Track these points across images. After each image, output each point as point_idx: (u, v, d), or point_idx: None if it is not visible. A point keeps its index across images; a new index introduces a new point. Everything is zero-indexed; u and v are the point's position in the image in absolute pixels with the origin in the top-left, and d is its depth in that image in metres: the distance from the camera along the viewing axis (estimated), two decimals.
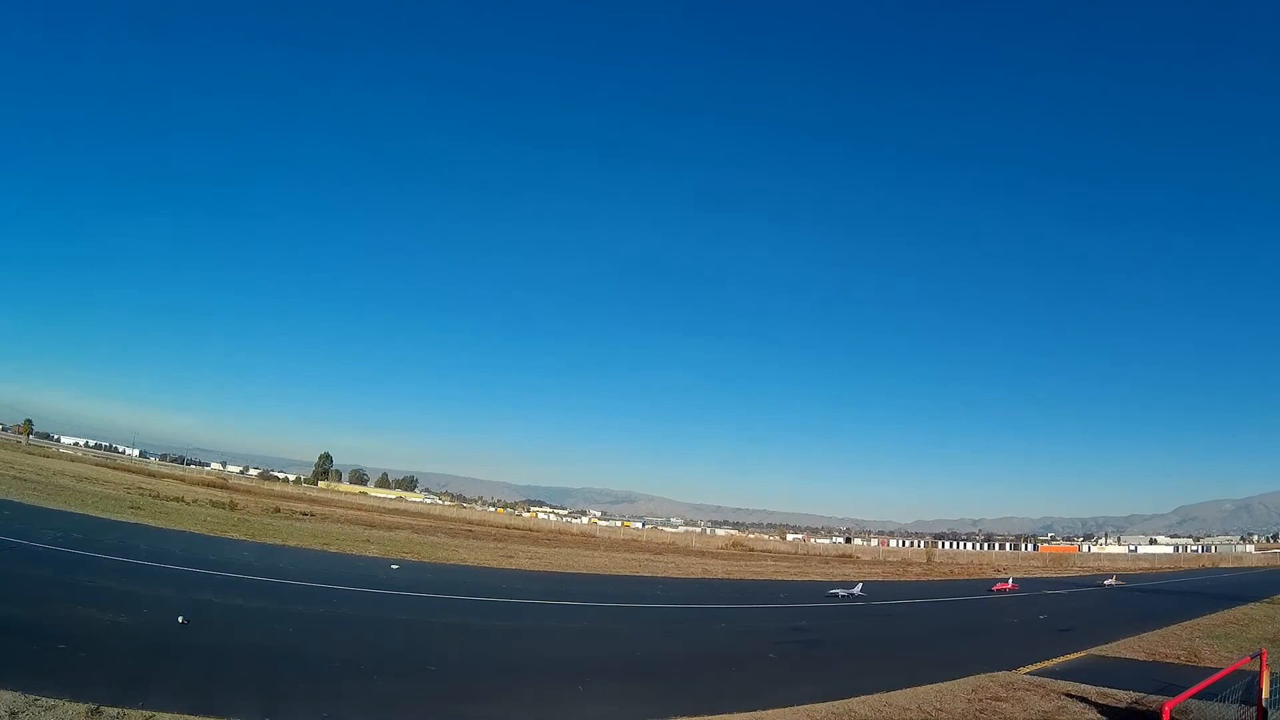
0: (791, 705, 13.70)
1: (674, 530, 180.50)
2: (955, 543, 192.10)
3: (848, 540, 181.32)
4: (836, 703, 13.89)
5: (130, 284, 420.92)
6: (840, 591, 38.94)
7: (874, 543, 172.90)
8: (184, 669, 12.58)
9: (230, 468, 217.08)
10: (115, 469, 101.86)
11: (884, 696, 14.69)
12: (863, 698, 14.38)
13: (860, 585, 40.82)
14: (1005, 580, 53.10)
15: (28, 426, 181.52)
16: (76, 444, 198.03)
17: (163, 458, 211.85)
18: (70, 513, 36.02)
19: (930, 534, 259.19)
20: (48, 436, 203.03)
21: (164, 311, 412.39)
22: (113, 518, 37.05)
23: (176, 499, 57.70)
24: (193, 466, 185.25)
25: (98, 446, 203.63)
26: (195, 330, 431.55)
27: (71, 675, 11.15)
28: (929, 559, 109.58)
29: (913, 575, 67.25)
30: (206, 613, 17.20)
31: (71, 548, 24.97)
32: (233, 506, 59.00)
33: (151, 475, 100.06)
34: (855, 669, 18.71)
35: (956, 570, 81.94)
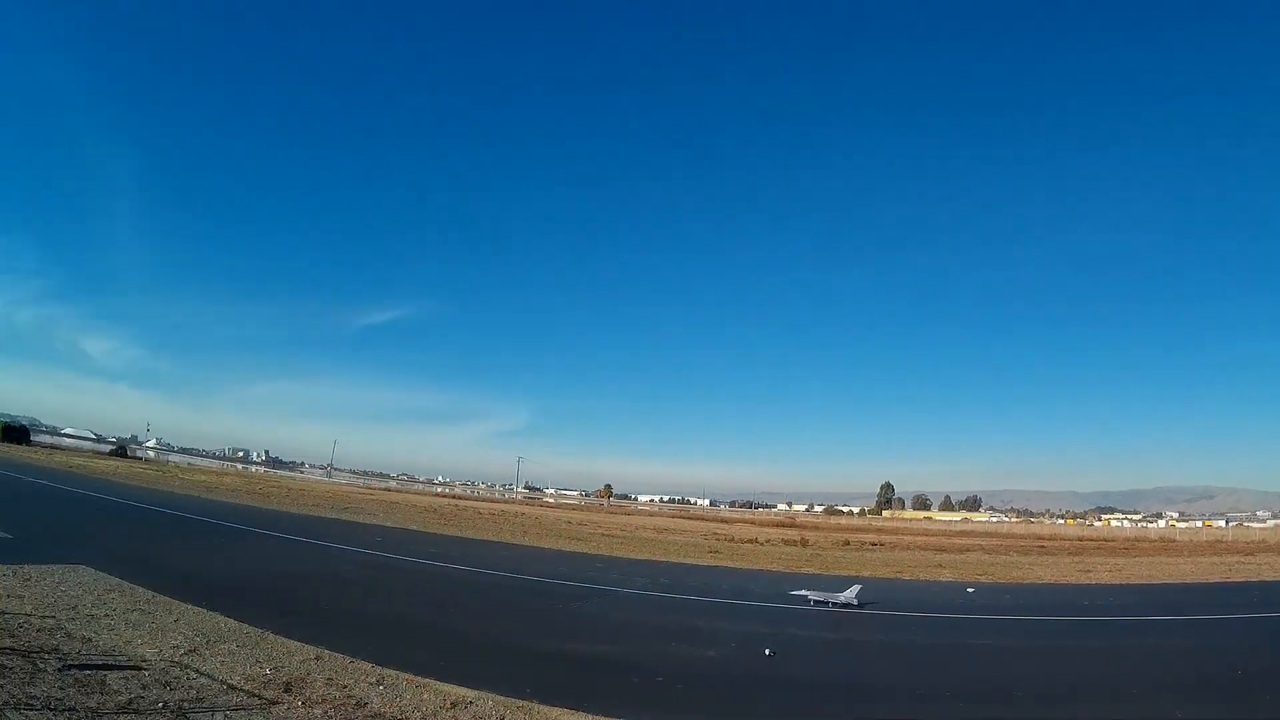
0: None
1: (1262, 525, 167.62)
2: None
3: None
4: None
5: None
6: None
7: None
8: (770, 698, 14.24)
9: (796, 506, 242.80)
10: (690, 519, 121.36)
11: None
12: None
13: None
14: None
15: (608, 491, 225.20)
16: (651, 500, 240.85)
17: (731, 504, 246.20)
18: (655, 561, 42.00)
19: None
20: (625, 496, 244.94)
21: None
22: (694, 562, 42.55)
23: (750, 541, 66.22)
24: (760, 510, 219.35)
25: (670, 500, 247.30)
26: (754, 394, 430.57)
27: (672, 705, 13.25)
28: None
29: None
30: (790, 645, 19.15)
31: (660, 591, 28.99)
32: (804, 544, 66.10)
33: (724, 521, 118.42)
34: None
35: None
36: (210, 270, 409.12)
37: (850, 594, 26.59)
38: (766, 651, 17.87)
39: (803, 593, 26.94)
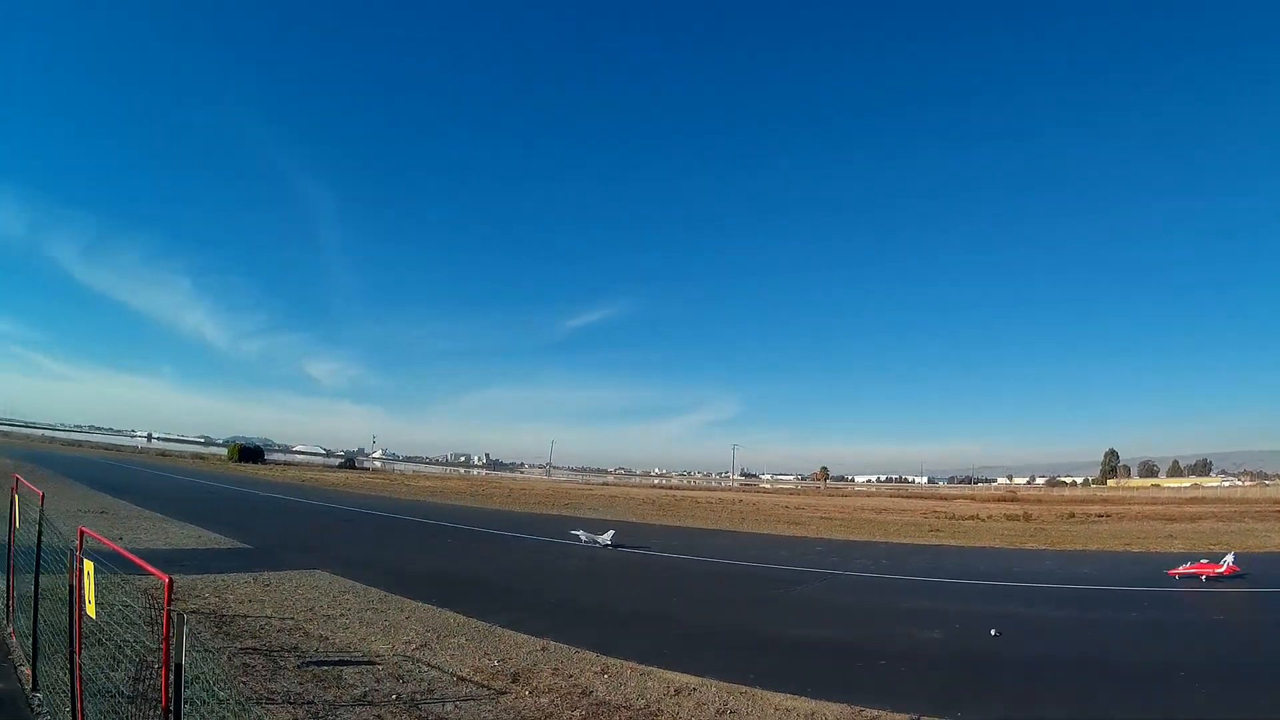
0: None
1: None
2: None
3: None
4: None
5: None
6: None
7: None
8: (997, 681, 13.51)
9: (1016, 480, 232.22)
10: (908, 497, 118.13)
11: None
12: None
13: None
14: None
15: (824, 473, 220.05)
16: (868, 480, 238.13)
17: (949, 480, 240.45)
18: (875, 542, 41.54)
19: None
20: (842, 479, 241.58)
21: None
22: (914, 542, 41.77)
23: (971, 517, 64.44)
24: (980, 485, 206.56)
25: (887, 480, 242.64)
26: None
27: (894, 689, 12.71)
28: None
29: None
30: (1016, 624, 18.38)
31: (880, 573, 28.45)
32: (1027, 518, 64.87)
33: (943, 499, 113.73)
34: None
35: None
36: (419, 290, 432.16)
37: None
38: (992, 632, 17.09)
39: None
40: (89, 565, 7.38)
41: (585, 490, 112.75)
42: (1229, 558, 26.26)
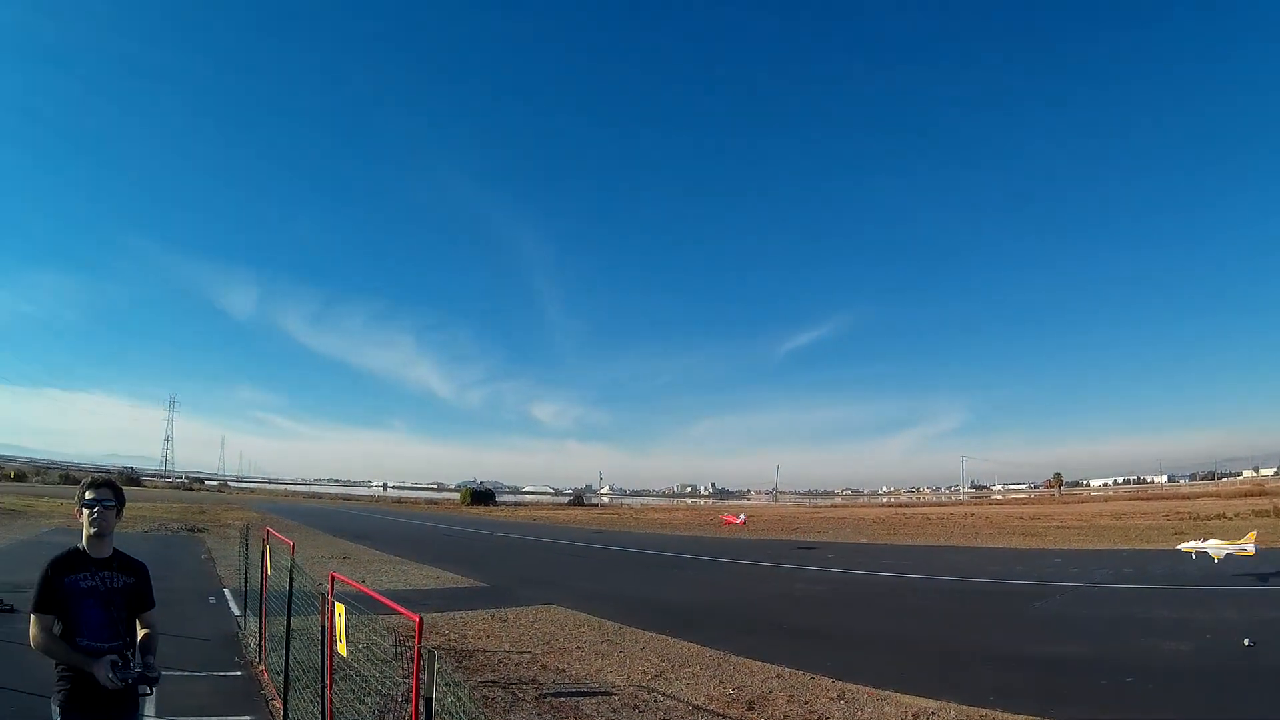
0: None
1: None
2: None
3: None
4: None
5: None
6: None
7: None
8: (1256, 697, 12.50)
9: (1264, 471, 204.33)
10: (1147, 499, 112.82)
11: None
12: None
13: None
14: None
15: (1058, 480, 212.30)
16: (1104, 484, 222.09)
17: (1191, 477, 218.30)
18: (1115, 549, 39.87)
19: None
20: (1076, 484, 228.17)
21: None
22: (1157, 547, 39.65)
23: (1216, 516, 60.67)
24: (1224, 480, 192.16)
25: (1123, 482, 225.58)
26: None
27: (1144, 707, 12.17)
28: None
29: None
30: (1273, 632, 16.98)
31: (1122, 582, 27.20)
32: (1278, 513, 60.90)
33: (1185, 498, 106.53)
34: None
35: None
36: (636, 327, 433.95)
37: None
38: (1246, 642, 15.79)
39: None
40: (340, 607, 7.92)
41: (813, 513, 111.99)
42: None
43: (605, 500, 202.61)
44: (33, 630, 4.96)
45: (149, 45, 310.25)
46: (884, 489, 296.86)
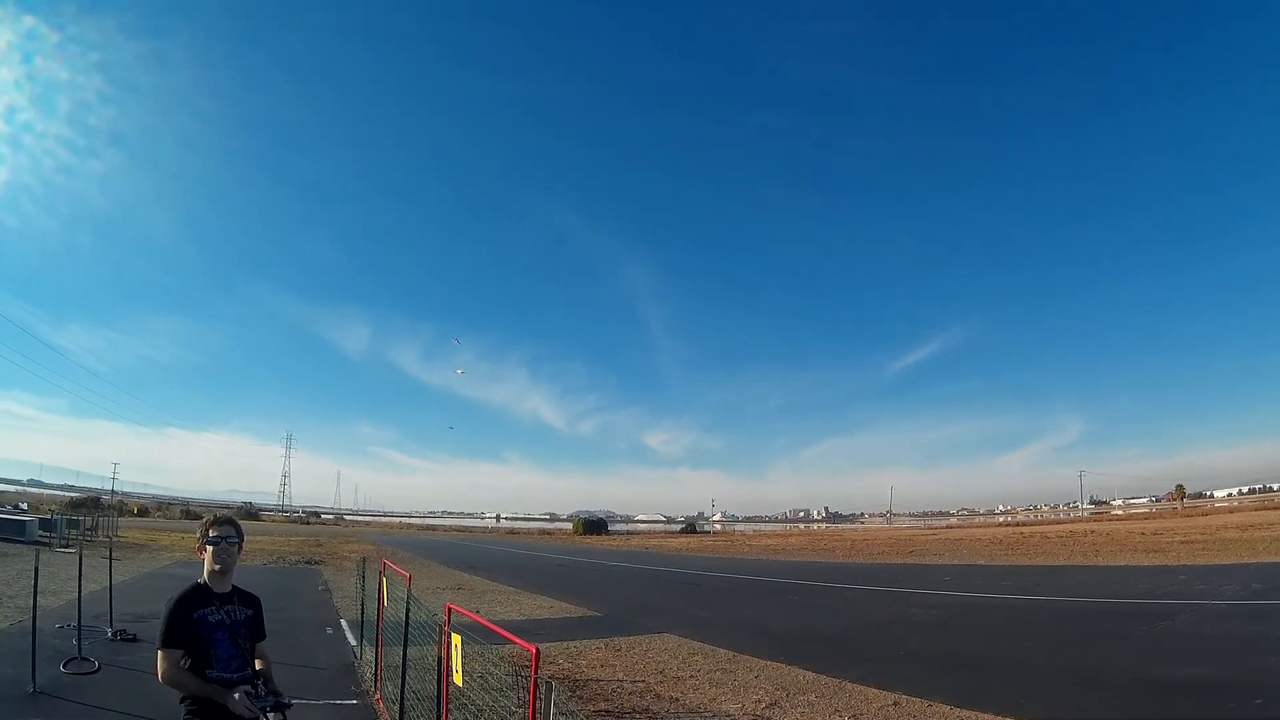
0: None
1: None
2: None
3: None
4: None
5: None
6: None
7: None
8: None
9: None
10: (1275, 508, 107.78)
11: None
12: None
13: None
14: None
15: (1181, 492, 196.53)
16: (1229, 494, 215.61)
17: None
18: (1243, 564, 37.43)
19: None
20: (1200, 495, 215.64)
21: None
22: None
23: None
24: None
25: (1251, 491, 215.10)
26: None
27: None
28: None
29: None
30: None
31: (1253, 599, 25.77)
32: None
33: None
34: None
35: None
36: (746, 353, 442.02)
37: None
38: None
39: None
40: (456, 638, 8.14)
41: (929, 535, 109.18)
42: None
43: (717, 527, 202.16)
44: (161, 665, 5.21)
45: (267, 97, 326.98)
46: (1000, 508, 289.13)
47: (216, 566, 5.64)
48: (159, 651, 5.22)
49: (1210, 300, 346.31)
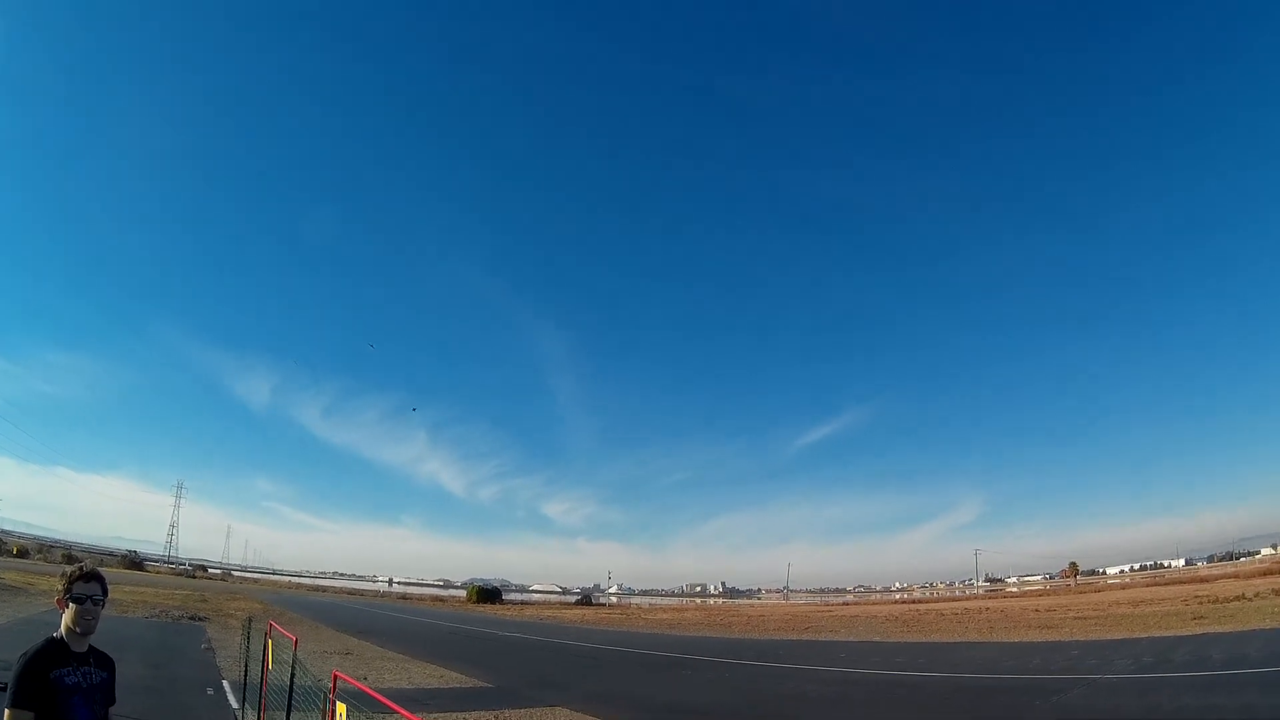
0: None
1: None
2: None
3: None
4: None
5: None
6: None
7: None
8: None
9: None
10: (1165, 584, 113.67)
11: None
12: None
13: None
14: None
15: (1074, 569, 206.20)
16: (1120, 571, 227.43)
17: (1210, 559, 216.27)
18: (1134, 638, 38.61)
19: None
20: (1093, 572, 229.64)
21: None
22: (1175, 633, 39.16)
23: (1236, 598, 59.98)
24: (1243, 559, 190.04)
25: (1141, 568, 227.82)
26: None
27: None
28: None
29: None
30: None
31: (1143, 671, 26.43)
32: None
33: (1202, 580, 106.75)
34: None
35: None
36: (650, 426, 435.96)
37: None
38: None
39: None
40: (341, 706, 7.82)
41: (825, 611, 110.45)
42: None
43: (613, 599, 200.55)
44: None
45: (181, 130, 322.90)
46: (897, 584, 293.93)
47: (78, 629, 5.15)
48: (7, 711, 4.88)
49: (1102, 384, 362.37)
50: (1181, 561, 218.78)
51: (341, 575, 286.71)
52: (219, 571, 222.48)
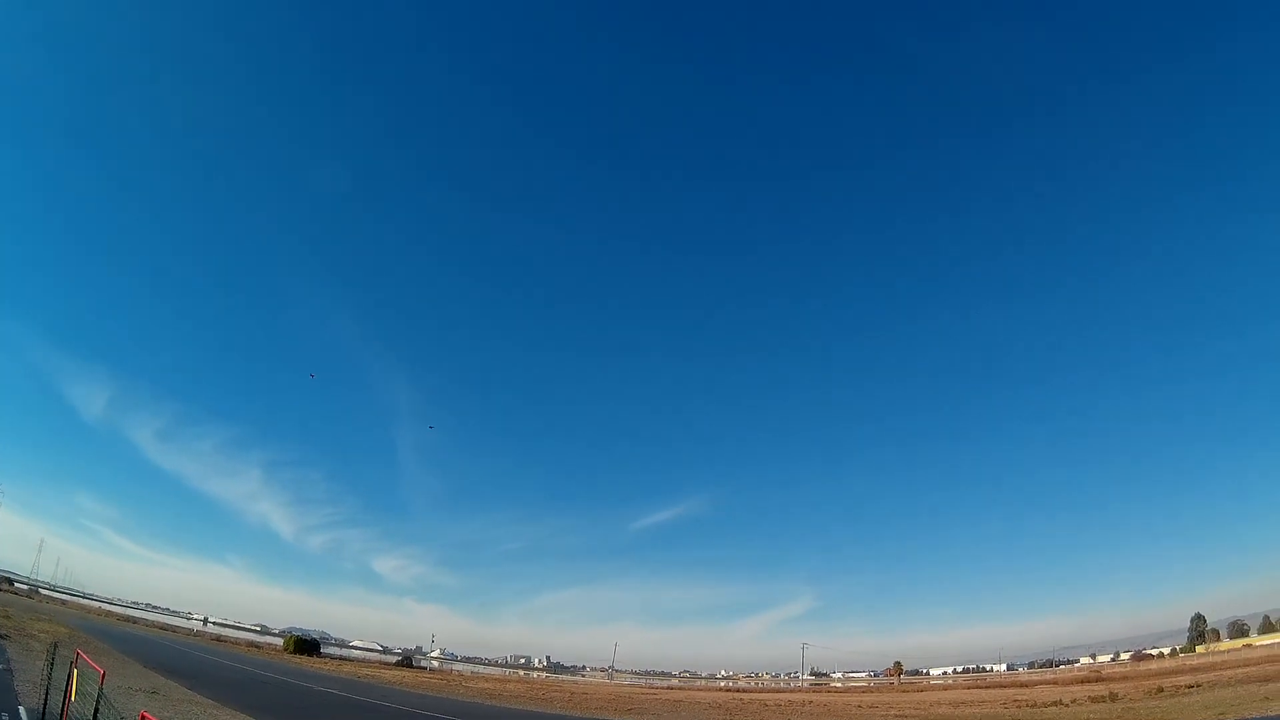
0: None
1: None
2: None
3: None
4: None
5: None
6: None
7: None
8: None
9: (1101, 657, 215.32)
10: (986, 687, 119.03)
11: None
12: None
13: None
14: None
15: (898, 668, 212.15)
16: (944, 673, 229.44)
17: (1029, 665, 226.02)
18: None
19: None
20: (916, 672, 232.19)
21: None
22: None
23: (1053, 703, 62.07)
24: (1062, 667, 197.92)
25: (964, 670, 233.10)
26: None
27: None
28: None
29: None
30: None
31: None
32: (1113, 698, 62.44)
33: (1022, 685, 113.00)
34: None
35: None
36: (490, 492, 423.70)
37: None
38: None
39: None
40: None
41: (649, 694, 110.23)
42: None
43: (435, 664, 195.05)
44: None
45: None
46: (723, 673, 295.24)
47: None
48: None
49: (927, 496, 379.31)
50: (1003, 666, 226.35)
51: (156, 608, 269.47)
52: (25, 587, 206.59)
